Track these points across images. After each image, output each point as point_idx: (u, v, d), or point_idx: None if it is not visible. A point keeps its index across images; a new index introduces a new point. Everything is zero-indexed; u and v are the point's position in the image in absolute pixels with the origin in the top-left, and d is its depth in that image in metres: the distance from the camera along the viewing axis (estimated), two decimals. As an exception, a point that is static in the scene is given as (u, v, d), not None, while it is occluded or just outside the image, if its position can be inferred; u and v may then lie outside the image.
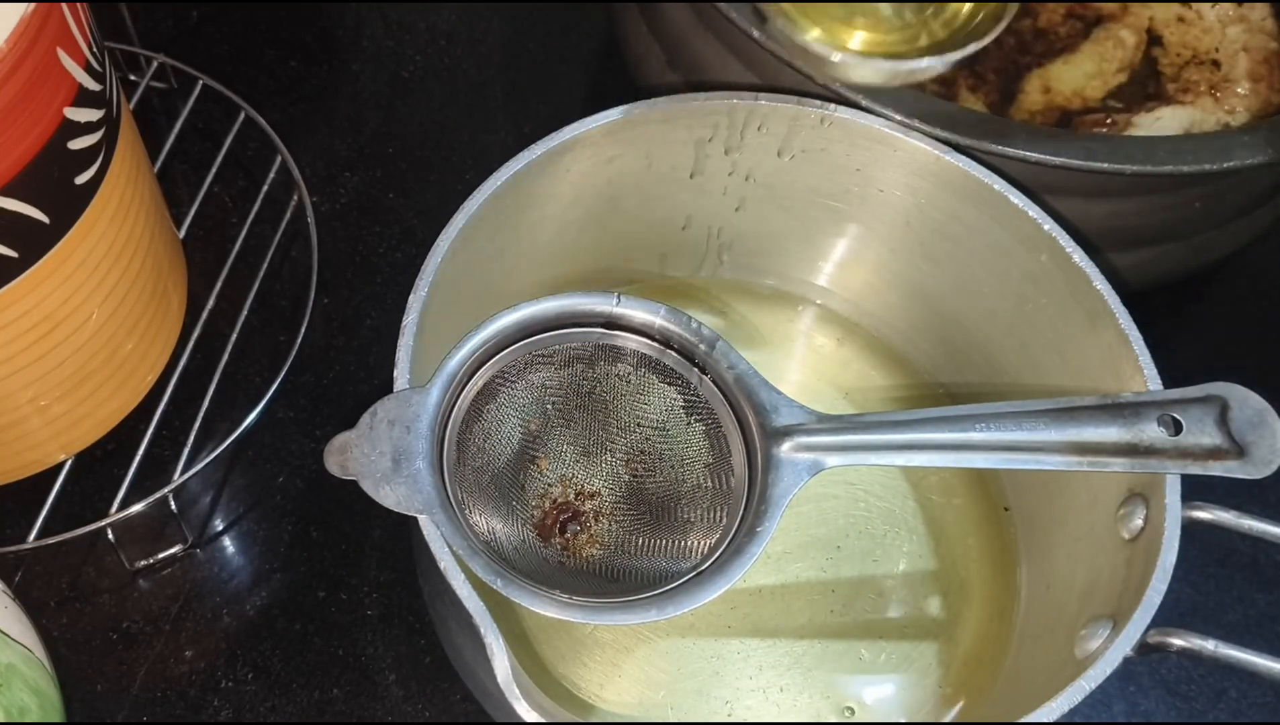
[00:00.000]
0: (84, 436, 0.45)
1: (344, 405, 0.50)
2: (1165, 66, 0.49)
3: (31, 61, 0.33)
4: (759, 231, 0.47)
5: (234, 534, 0.47)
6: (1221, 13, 0.50)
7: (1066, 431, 0.34)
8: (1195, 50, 0.49)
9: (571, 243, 0.45)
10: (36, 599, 0.45)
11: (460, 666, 0.40)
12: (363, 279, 0.54)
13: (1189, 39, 0.50)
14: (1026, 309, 0.42)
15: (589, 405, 0.38)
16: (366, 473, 0.32)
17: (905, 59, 0.44)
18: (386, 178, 0.57)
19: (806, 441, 0.35)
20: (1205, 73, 0.49)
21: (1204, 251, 0.49)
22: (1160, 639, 0.33)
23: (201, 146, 0.56)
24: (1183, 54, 0.49)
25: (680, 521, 0.37)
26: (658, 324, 0.37)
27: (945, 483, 0.45)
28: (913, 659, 0.42)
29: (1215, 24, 0.50)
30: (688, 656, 0.42)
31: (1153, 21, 0.50)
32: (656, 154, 0.43)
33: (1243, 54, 0.49)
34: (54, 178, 0.36)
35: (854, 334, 0.49)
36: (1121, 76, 0.49)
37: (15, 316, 0.37)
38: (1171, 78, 0.49)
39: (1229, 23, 0.50)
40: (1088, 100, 0.49)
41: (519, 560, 0.35)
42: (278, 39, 0.61)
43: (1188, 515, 0.35)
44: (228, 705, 0.43)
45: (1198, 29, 0.50)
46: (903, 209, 0.43)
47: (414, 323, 0.35)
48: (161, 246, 0.45)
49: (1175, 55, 0.49)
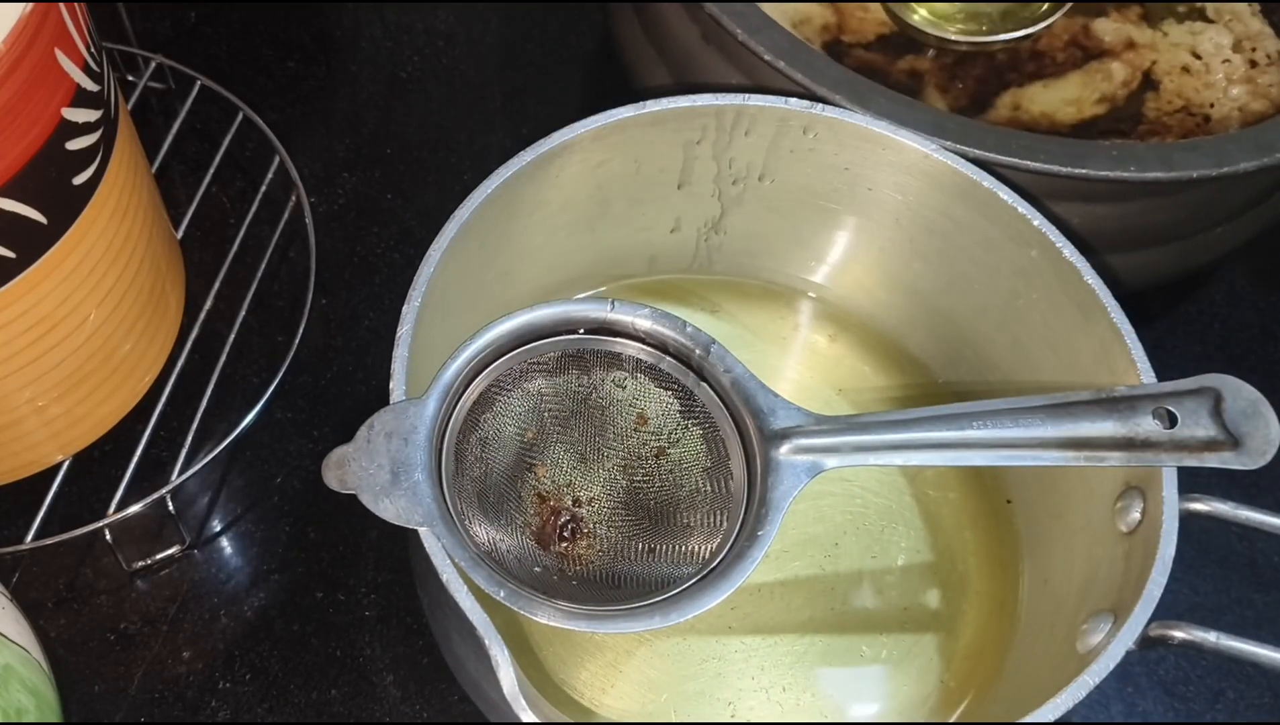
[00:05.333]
0: (82, 437, 0.44)
1: (342, 406, 0.50)
2: (1150, 110, 0.49)
3: (29, 62, 0.33)
4: (749, 232, 0.47)
5: (232, 535, 0.47)
6: (1230, 71, 0.50)
7: (1063, 427, 0.34)
8: (1189, 102, 0.49)
9: (562, 247, 0.45)
10: (34, 600, 0.45)
11: (462, 677, 0.40)
12: (361, 280, 0.54)
13: (1187, 89, 0.49)
14: (1018, 304, 0.42)
15: (586, 412, 0.38)
16: (365, 486, 0.32)
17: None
18: (384, 178, 0.57)
19: (805, 443, 0.35)
20: (1190, 124, 0.49)
21: (1197, 253, 0.50)
22: (1162, 632, 0.33)
23: (199, 147, 0.56)
24: (1175, 102, 0.49)
25: (680, 527, 0.37)
26: (653, 329, 0.37)
27: (941, 478, 0.45)
28: (914, 653, 0.42)
29: (1220, 80, 0.50)
30: (689, 658, 0.42)
31: (1154, 66, 0.50)
32: (645, 157, 0.43)
33: (1237, 114, 0.49)
34: (52, 178, 0.36)
35: (846, 331, 0.49)
36: (1099, 109, 0.49)
37: (13, 317, 0.37)
38: (1151, 121, 0.49)
39: (1235, 82, 0.49)
40: (1056, 124, 0.49)
41: (519, 569, 0.35)
42: (276, 40, 0.61)
43: (1185, 507, 0.35)
44: (225, 706, 0.43)
45: (1200, 81, 0.50)
46: (892, 207, 0.44)
47: (408, 333, 0.35)
48: (159, 247, 0.45)
49: (1166, 103, 0.49)
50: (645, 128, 0.41)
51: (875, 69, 0.50)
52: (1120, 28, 0.51)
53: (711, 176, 0.44)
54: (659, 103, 0.40)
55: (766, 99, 0.41)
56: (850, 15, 0.51)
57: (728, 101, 0.41)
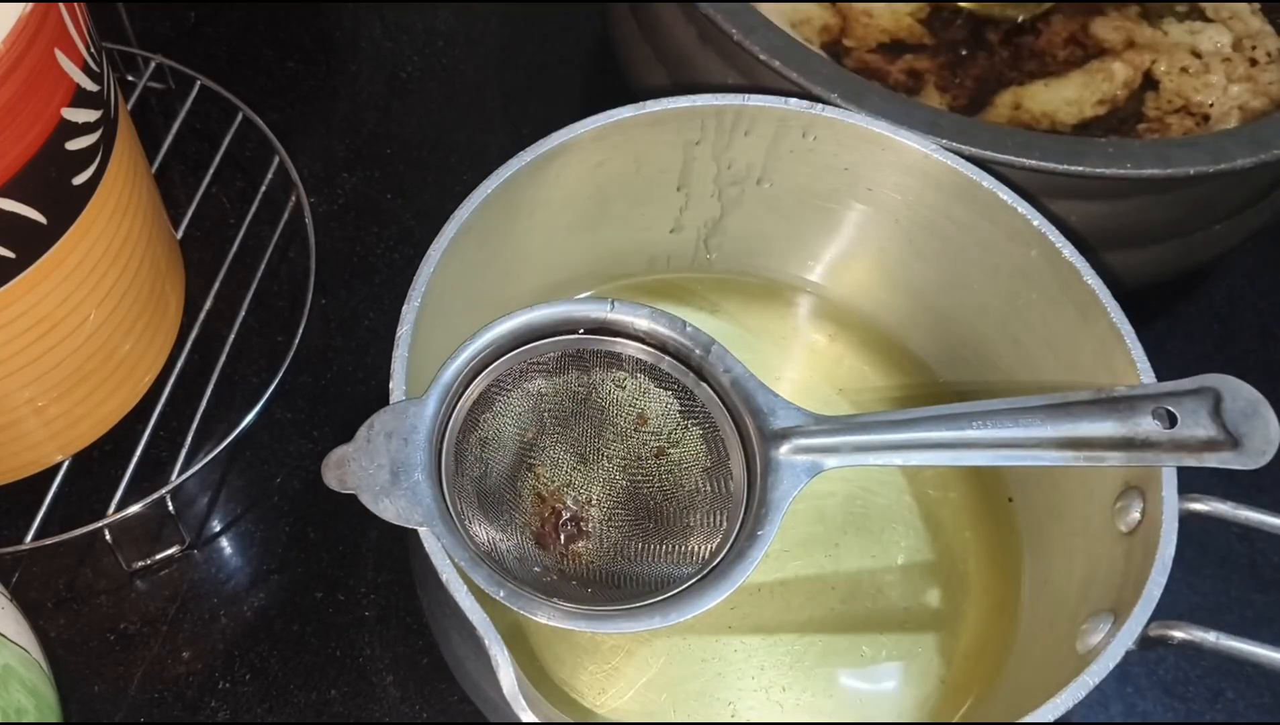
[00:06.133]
0: (81, 437, 0.44)
1: (342, 406, 0.50)
2: (1150, 110, 0.49)
3: (29, 62, 0.33)
4: (748, 231, 0.47)
5: (231, 535, 0.47)
6: (1230, 70, 0.49)
7: (1062, 427, 0.34)
8: (1188, 101, 0.49)
9: (562, 247, 0.45)
10: (34, 600, 0.45)
11: (462, 677, 0.40)
12: (360, 280, 0.54)
13: (1186, 88, 0.49)
14: (1018, 304, 0.42)
15: (586, 412, 0.38)
16: (365, 486, 0.32)
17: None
18: (384, 178, 0.57)
19: (805, 443, 0.35)
20: (1190, 124, 0.49)
21: (1197, 251, 0.50)
22: (1162, 632, 0.33)
23: (199, 147, 0.56)
24: (1174, 101, 0.49)
25: (680, 527, 0.37)
26: (652, 329, 0.37)
27: (941, 477, 0.45)
28: (915, 653, 0.42)
29: (1220, 80, 0.49)
30: (689, 658, 0.42)
31: (1154, 65, 0.50)
32: (645, 157, 0.43)
33: (1237, 112, 0.49)
34: (51, 178, 0.36)
35: (846, 331, 0.49)
36: (1100, 109, 0.49)
37: (12, 317, 0.37)
38: (1152, 120, 0.49)
39: (1235, 81, 0.49)
40: (1056, 124, 0.49)
41: (519, 569, 0.35)
42: (276, 40, 0.61)
43: (1184, 507, 0.35)
44: (225, 706, 0.43)
45: (1199, 81, 0.49)
46: (892, 207, 0.44)
47: (408, 333, 0.35)
48: (159, 247, 0.45)
49: (1166, 102, 0.49)
50: (645, 128, 0.41)
51: (874, 69, 0.50)
52: (1120, 26, 0.51)
53: (711, 177, 0.44)
54: (659, 103, 0.40)
55: (766, 99, 0.41)
56: (856, 21, 0.51)
57: (727, 102, 0.41)
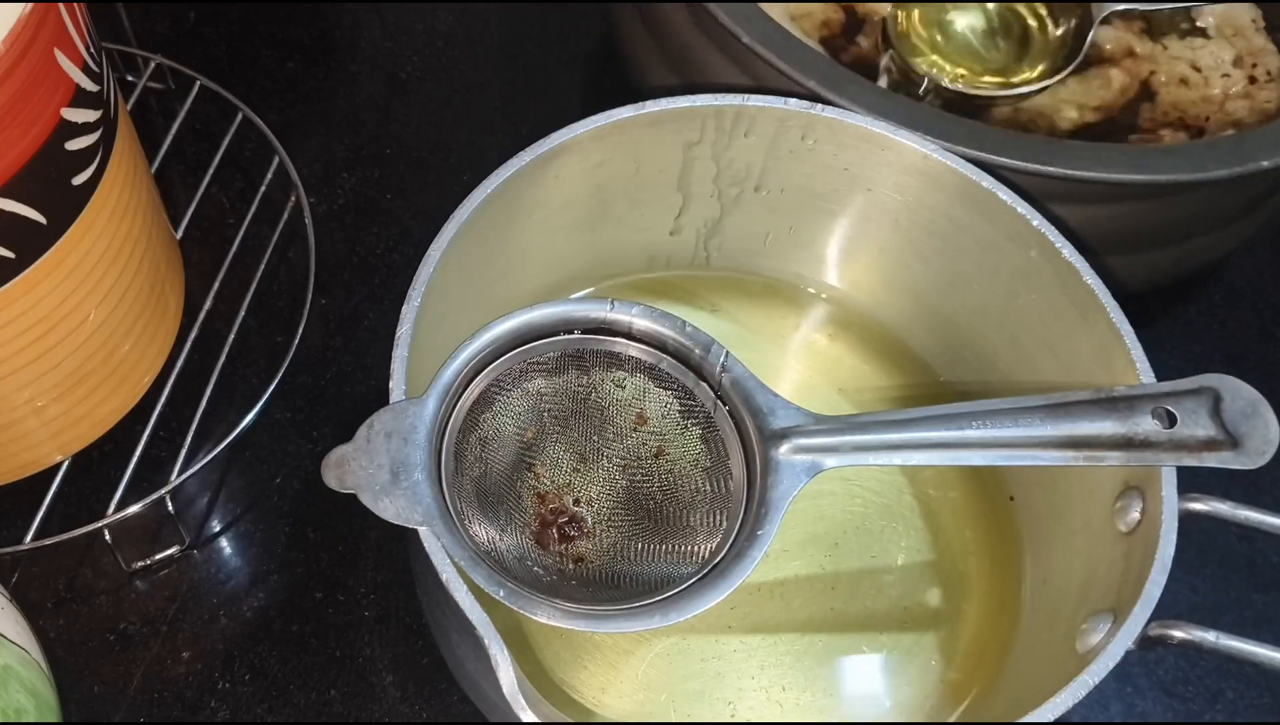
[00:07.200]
0: (81, 437, 0.45)
1: (341, 406, 0.50)
2: (1145, 119, 0.49)
3: (28, 62, 0.33)
4: (748, 231, 0.47)
5: (231, 535, 0.47)
6: (1228, 85, 0.49)
7: (1062, 427, 0.34)
8: (1185, 114, 0.49)
9: (562, 247, 0.45)
10: (33, 600, 0.45)
11: (462, 677, 0.40)
12: (360, 280, 0.54)
13: (1183, 100, 0.49)
14: (1017, 304, 0.42)
15: (585, 412, 0.38)
16: (365, 486, 0.32)
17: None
18: (384, 179, 0.57)
19: (804, 443, 0.35)
20: (1182, 137, 0.48)
21: (1195, 257, 0.50)
22: (1161, 632, 0.33)
23: (199, 147, 0.56)
24: (1170, 113, 0.49)
25: (680, 526, 0.37)
26: (652, 329, 0.37)
27: (941, 477, 0.45)
28: (915, 652, 0.42)
29: (1219, 94, 0.49)
30: (688, 657, 0.42)
31: (1152, 75, 0.50)
32: (644, 157, 0.43)
33: (1231, 129, 0.49)
34: (51, 178, 0.36)
35: (846, 331, 0.49)
36: (1095, 116, 0.49)
37: (12, 317, 0.37)
38: (1145, 131, 0.49)
39: (1234, 97, 0.49)
40: (1054, 128, 0.49)
41: (519, 569, 0.35)
42: (275, 40, 0.61)
43: (1184, 507, 0.35)
44: (225, 706, 0.43)
45: (1198, 94, 0.49)
46: (891, 207, 0.44)
47: (408, 333, 0.35)
48: (159, 247, 0.45)
49: (1161, 113, 0.49)
50: (645, 128, 0.41)
51: (874, 65, 0.50)
52: (1121, 36, 0.51)
53: (711, 177, 0.44)
54: (658, 103, 0.40)
55: (766, 99, 0.41)
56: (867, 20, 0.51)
57: (727, 102, 0.41)
